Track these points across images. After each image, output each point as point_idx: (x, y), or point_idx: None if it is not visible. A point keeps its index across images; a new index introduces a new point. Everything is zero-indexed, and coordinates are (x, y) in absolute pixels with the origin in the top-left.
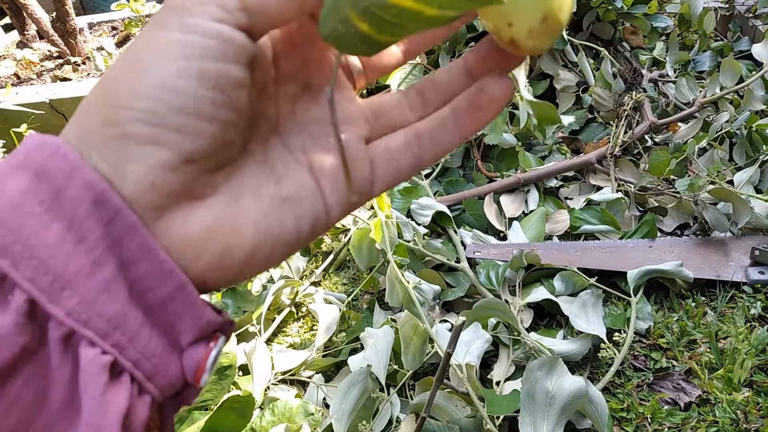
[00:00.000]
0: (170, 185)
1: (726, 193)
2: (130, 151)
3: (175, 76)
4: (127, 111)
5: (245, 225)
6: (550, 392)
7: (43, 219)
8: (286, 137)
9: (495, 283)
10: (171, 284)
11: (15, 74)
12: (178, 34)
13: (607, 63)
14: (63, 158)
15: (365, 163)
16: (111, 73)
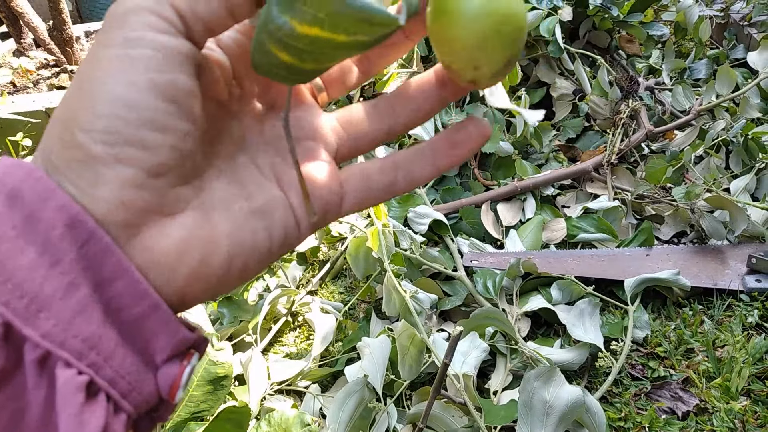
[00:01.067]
0: (139, 202)
1: (722, 201)
2: (96, 172)
3: (127, 92)
4: (87, 133)
5: (219, 236)
6: (548, 402)
7: (17, 243)
8: (255, 155)
9: (492, 291)
10: (145, 303)
11: (11, 83)
12: (123, 50)
13: (603, 71)
14: (36, 181)
15: (333, 176)
16: (67, 96)
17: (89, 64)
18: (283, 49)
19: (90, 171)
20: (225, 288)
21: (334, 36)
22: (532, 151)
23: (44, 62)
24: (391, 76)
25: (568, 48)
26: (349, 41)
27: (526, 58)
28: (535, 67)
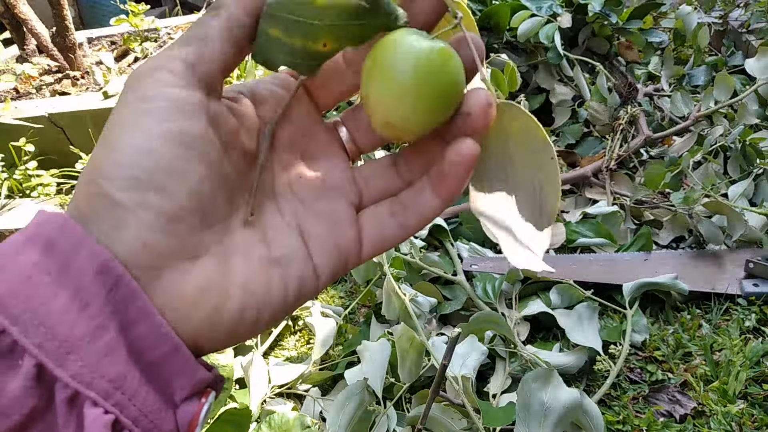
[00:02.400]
0: (161, 245)
1: (720, 207)
2: (120, 217)
3: (144, 142)
4: (111, 181)
5: (233, 286)
6: (546, 404)
7: (51, 289)
8: (280, 202)
9: (492, 296)
10: (167, 346)
11: (14, 89)
12: (139, 106)
13: (602, 77)
14: (69, 231)
15: (352, 226)
16: (93, 153)
17: (111, 124)
18: (275, 24)
19: (113, 217)
20: (236, 338)
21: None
22: None
23: (47, 68)
24: None
25: (568, 54)
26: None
27: (526, 64)
28: (535, 74)
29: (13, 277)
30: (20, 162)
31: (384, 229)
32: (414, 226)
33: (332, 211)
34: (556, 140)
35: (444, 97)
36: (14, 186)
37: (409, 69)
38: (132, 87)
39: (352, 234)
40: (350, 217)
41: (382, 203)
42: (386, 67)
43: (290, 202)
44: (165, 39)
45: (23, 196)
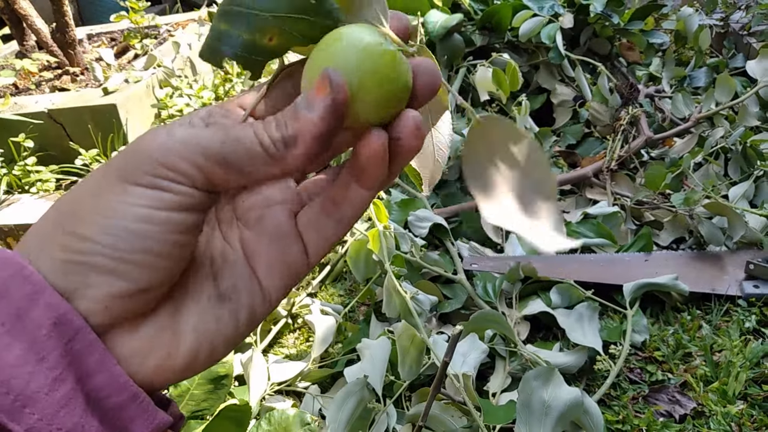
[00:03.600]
0: (121, 310)
1: (721, 208)
2: (90, 278)
3: (144, 222)
4: (91, 243)
5: (184, 331)
6: (546, 402)
7: (4, 340)
8: (225, 230)
9: (492, 295)
10: (126, 394)
11: (14, 84)
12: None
13: (604, 78)
14: (25, 279)
15: (297, 239)
16: (76, 196)
17: (107, 183)
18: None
19: (85, 275)
20: (192, 373)
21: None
22: None
23: (46, 64)
24: None
25: (569, 55)
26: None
27: (527, 64)
28: (536, 74)
29: None
30: (19, 157)
31: (324, 231)
32: (350, 219)
33: (276, 227)
34: (557, 140)
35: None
36: (13, 181)
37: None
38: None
39: (298, 248)
40: (293, 230)
41: (314, 203)
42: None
43: (235, 230)
44: (165, 36)
45: (22, 191)
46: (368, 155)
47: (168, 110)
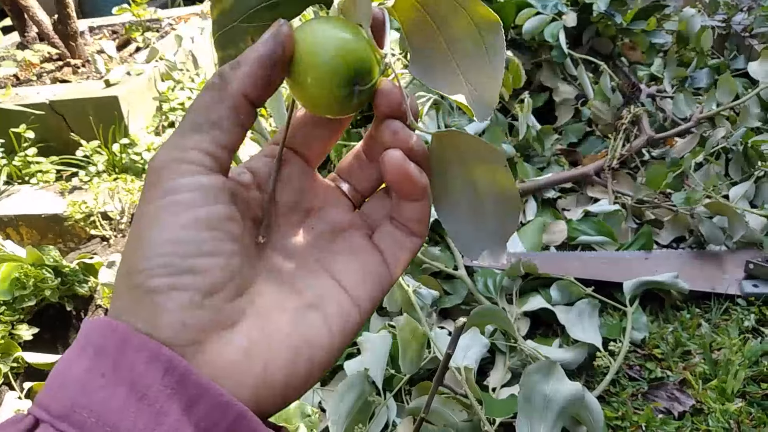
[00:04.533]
0: (200, 321)
1: (722, 207)
2: (157, 302)
3: (174, 230)
4: (144, 272)
5: (277, 340)
6: (548, 396)
7: (107, 389)
8: (299, 257)
9: (492, 290)
10: (232, 414)
11: (15, 75)
12: (164, 200)
13: (606, 77)
14: (114, 333)
15: (373, 251)
16: (124, 252)
17: (137, 221)
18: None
19: (152, 302)
20: (295, 390)
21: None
22: (533, 155)
23: (48, 56)
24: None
25: (572, 53)
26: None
27: (530, 62)
28: (539, 72)
29: (72, 390)
30: (20, 148)
31: (400, 242)
32: (419, 230)
33: (350, 246)
34: (559, 138)
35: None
36: (13, 172)
37: (329, 51)
38: (154, 182)
39: (376, 258)
40: (368, 245)
41: (385, 221)
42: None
43: (310, 254)
44: (167, 29)
45: (22, 182)
46: (391, 177)
47: (170, 103)
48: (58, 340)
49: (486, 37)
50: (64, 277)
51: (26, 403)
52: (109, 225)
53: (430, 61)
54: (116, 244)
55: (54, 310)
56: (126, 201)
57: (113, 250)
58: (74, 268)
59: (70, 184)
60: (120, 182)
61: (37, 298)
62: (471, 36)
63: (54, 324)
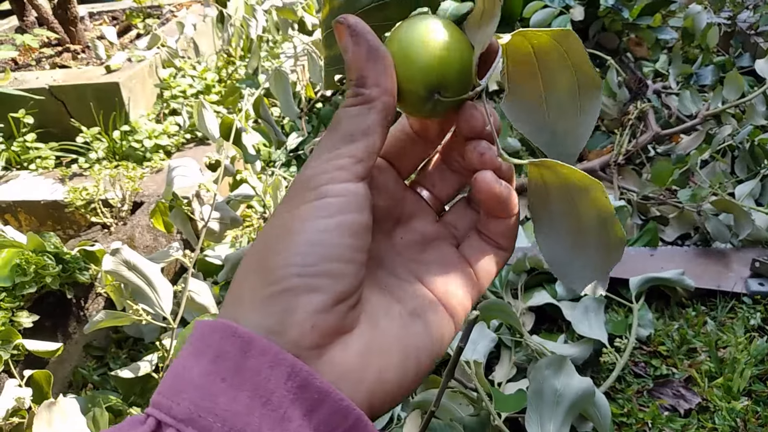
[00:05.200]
0: (327, 325)
1: (728, 205)
2: (290, 302)
3: (320, 232)
4: (284, 269)
5: (389, 344)
6: (558, 391)
7: (229, 393)
8: (392, 266)
9: (498, 285)
10: (351, 419)
11: (13, 60)
12: (312, 203)
13: (613, 72)
14: (235, 336)
15: (462, 263)
16: (258, 247)
17: (280, 222)
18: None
19: (285, 302)
20: (404, 391)
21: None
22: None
23: (47, 41)
24: None
25: None
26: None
27: None
28: None
29: (193, 393)
30: (19, 133)
31: (487, 254)
32: (507, 245)
33: (440, 257)
34: None
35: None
36: (12, 157)
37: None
38: (303, 188)
39: (466, 271)
40: (457, 256)
41: (472, 234)
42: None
43: (401, 263)
44: (168, 16)
45: (21, 168)
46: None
47: (171, 90)
48: (59, 328)
49: (583, 98)
50: (65, 265)
51: (26, 391)
52: (110, 212)
53: (523, 104)
54: (117, 232)
55: (54, 298)
56: (127, 188)
57: (114, 237)
58: (75, 255)
59: (70, 171)
60: (122, 169)
61: (37, 285)
62: (570, 92)
63: (54, 311)
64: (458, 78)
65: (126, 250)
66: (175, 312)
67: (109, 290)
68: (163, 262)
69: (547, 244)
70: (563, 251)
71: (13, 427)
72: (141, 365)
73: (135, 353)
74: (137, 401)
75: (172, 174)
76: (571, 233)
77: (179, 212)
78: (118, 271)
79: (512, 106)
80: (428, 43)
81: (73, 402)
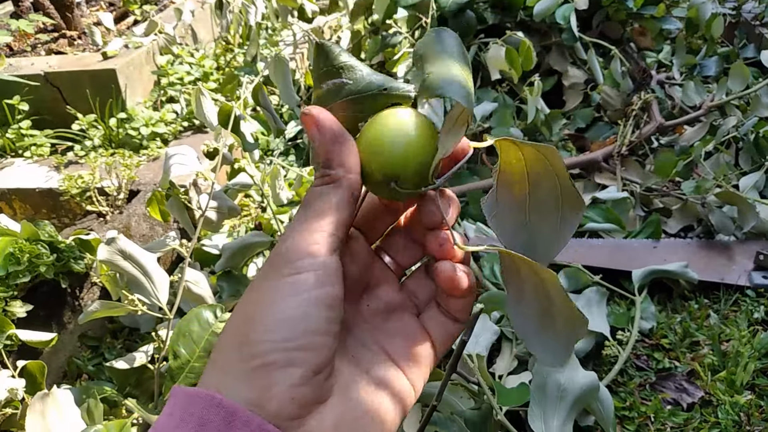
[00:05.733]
0: (305, 397)
1: (733, 197)
2: (271, 376)
3: (297, 307)
4: (263, 344)
5: (360, 414)
6: (562, 385)
7: None
8: (359, 334)
9: (499, 277)
10: None
11: (8, 46)
12: (288, 278)
13: (617, 62)
14: (219, 407)
15: (423, 334)
16: (238, 320)
17: (256, 296)
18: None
19: (266, 375)
20: None
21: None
22: (541, 139)
23: (42, 26)
24: (402, 55)
25: (582, 36)
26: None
27: (539, 45)
28: (547, 55)
29: None
30: (13, 120)
31: (445, 326)
32: (463, 318)
33: (403, 327)
34: (567, 123)
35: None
36: (7, 145)
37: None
38: (279, 261)
39: (426, 342)
40: (418, 327)
41: (432, 306)
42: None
43: (368, 331)
44: (165, 2)
45: (15, 155)
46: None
47: (168, 78)
48: (53, 318)
49: (565, 210)
50: (60, 254)
51: (20, 382)
52: (106, 201)
53: (507, 203)
54: (113, 221)
55: (48, 287)
56: (123, 176)
57: (110, 226)
58: (70, 244)
59: (66, 158)
60: (118, 157)
61: (31, 275)
62: (554, 202)
63: (48, 301)
64: (415, 173)
65: (122, 239)
66: (172, 302)
67: (105, 280)
68: (159, 251)
69: (518, 315)
70: (533, 324)
71: (6, 418)
72: (137, 356)
73: (130, 343)
74: (132, 392)
75: (170, 162)
76: (541, 308)
77: (176, 201)
78: (113, 261)
79: (496, 204)
80: (393, 139)
81: (67, 393)
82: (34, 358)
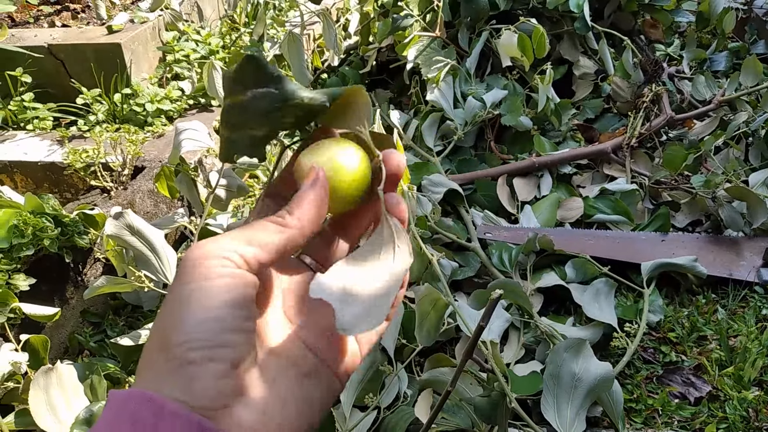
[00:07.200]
0: (228, 388)
1: (743, 192)
2: (194, 372)
3: (211, 309)
4: (183, 345)
5: (286, 401)
6: (576, 374)
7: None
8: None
9: (508, 265)
10: None
11: (9, 16)
12: (202, 282)
13: (628, 53)
14: (149, 401)
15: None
16: (160, 323)
17: (174, 300)
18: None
19: (188, 372)
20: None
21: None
22: (549, 129)
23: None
24: (412, 38)
25: (594, 26)
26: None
27: (550, 33)
28: (559, 44)
29: None
30: (16, 92)
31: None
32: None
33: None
34: (576, 113)
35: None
36: (9, 117)
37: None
38: (189, 271)
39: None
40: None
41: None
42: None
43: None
44: None
45: (18, 128)
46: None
47: (174, 54)
48: (56, 293)
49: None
50: (64, 228)
51: (22, 356)
52: (110, 176)
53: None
54: (117, 197)
55: (51, 261)
56: (128, 152)
57: (114, 202)
58: (74, 218)
59: (69, 132)
60: (123, 132)
61: (35, 248)
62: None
63: (52, 275)
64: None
65: (130, 214)
66: None
67: (110, 255)
68: (167, 228)
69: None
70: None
71: (8, 392)
72: (142, 333)
73: (133, 321)
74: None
75: (180, 137)
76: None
77: (185, 177)
78: (120, 236)
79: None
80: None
81: (70, 369)
82: (36, 332)
